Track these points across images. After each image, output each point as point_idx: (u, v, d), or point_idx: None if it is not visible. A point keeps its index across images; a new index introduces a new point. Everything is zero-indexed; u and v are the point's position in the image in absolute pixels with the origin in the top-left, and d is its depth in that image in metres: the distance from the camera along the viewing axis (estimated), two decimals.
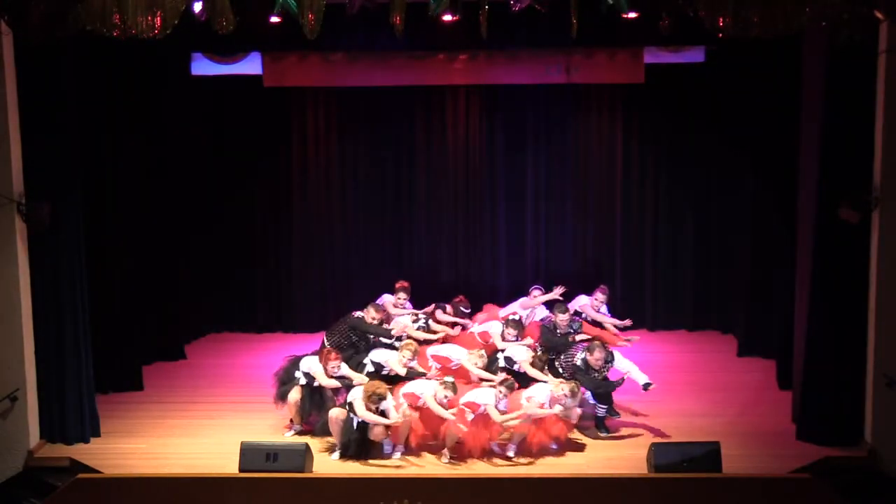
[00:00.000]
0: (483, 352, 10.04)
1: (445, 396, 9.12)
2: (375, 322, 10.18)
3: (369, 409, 8.97)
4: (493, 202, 13.42)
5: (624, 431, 9.82)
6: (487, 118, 13.26)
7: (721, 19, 7.51)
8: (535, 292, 11.25)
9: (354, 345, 10.23)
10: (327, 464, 9.15)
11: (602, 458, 9.24)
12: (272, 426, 10.02)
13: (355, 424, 9.21)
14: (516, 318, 10.59)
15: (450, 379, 9.36)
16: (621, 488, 8.49)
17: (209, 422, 10.25)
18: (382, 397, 9.01)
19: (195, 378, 11.72)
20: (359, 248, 13.52)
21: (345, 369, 9.62)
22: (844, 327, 9.25)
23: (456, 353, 10.09)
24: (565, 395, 9.14)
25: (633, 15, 9.07)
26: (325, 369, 9.55)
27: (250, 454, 8.67)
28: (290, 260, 13.50)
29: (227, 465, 8.89)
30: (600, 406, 9.84)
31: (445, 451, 9.21)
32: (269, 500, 8.42)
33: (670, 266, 13.45)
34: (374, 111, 13.22)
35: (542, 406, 9.14)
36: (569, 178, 13.35)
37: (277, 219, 13.49)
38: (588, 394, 10.09)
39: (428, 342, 10.38)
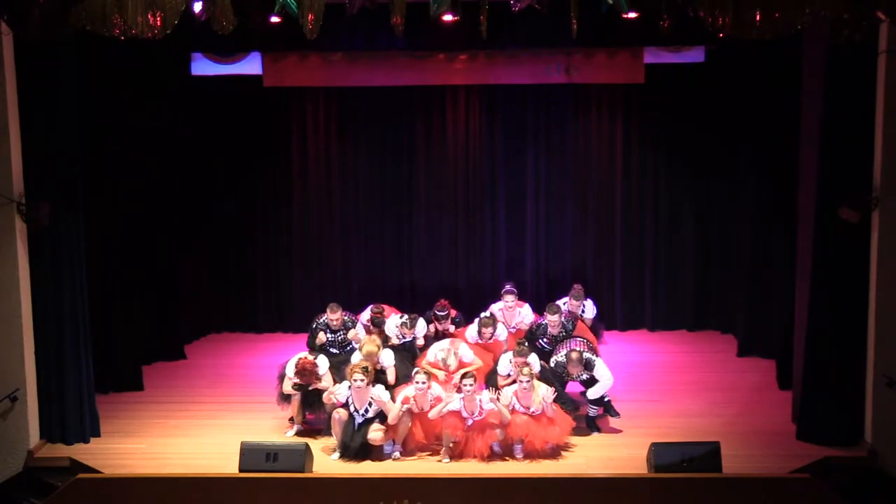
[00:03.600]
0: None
1: (423, 382, 9.14)
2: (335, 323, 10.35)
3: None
4: (493, 202, 13.42)
5: (624, 431, 9.83)
6: (487, 118, 13.26)
7: (721, 19, 7.50)
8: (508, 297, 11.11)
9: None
10: (327, 464, 9.15)
11: (602, 458, 9.24)
12: (272, 426, 10.03)
13: (356, 426, 9.22)
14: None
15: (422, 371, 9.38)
16: (621, 488, 8.48)
17: (209, 422, 10.25)
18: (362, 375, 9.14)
19: (195, 378, 11.72)
20: (359, 248, 13.51)
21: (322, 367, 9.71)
22: (844, 327, 9.25)
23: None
24: (522, 376, 9.19)
25: (633, 15, 9.07)
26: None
27: (250, 454, 8.66)
28: (290, 260, 13.51)
29: (227, 465, 8.89)
30: (591, 406, 9.85)
31: (445, 451, 9.22)
32: (269, 500, 8.42)
33: (670, 266, 13.46)
34: (374, 111, 13.22)
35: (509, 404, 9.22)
36: (569, 178, 13.35)
37: (277, 219, 13.49)
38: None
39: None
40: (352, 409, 9.25)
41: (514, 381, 9.43)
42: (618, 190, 13.34)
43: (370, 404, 9.20)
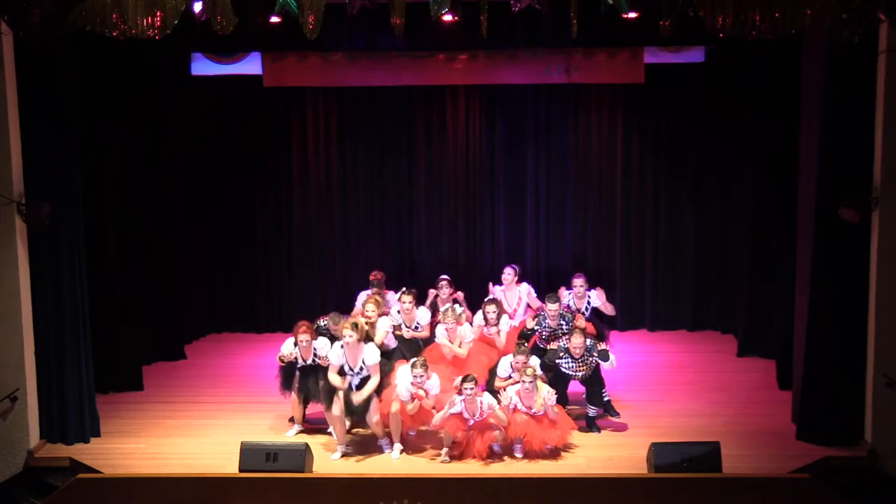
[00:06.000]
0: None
1: (421, 376, 9.13)
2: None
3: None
4: (493, 202, 13.42)
5: (624, 431, 9.83)
6: (487, 118, 13.25)
7: (721, 19, 7.51)
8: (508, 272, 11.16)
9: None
10: (327, 464, 9.16)
11: (602, 458, 9.25)
12: (272, 426, 10.03)
13: (353, 388, 9.23)
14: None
15: (420, 359, 9.37)
16: (621, 488, 8.48)
17: (209, 422, 10.25)
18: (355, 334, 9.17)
19: (195, 378, 11.73)
20: (359, 248, 13.52)
21: (321, 345, 9.65)
22: (844, 327, 9.25)
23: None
24: (522, 366, 9.22)
25: (633, 15, 9.08)
26: (297, 341, 9.64)
27: (250, 454, 8.67)
28: (289, 260, 13.50)
29: (227, 465, 8.90)
30: (591, 407, 9.86)
31: (445, 450, 9.22)
32: (269, 500, 8.43)
33: (670, 266, 13.46)
34: (374, 111, 13.22)
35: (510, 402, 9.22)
36: (569, 178, 13.35)
37: (277, 219, 13.49)
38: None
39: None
40: (346, 368, 9.25)
41: (515, 382, 9.43)
42: (618, 190, 13.34)
43: (364, 362, 9.23)
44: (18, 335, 9.21)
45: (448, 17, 8.72)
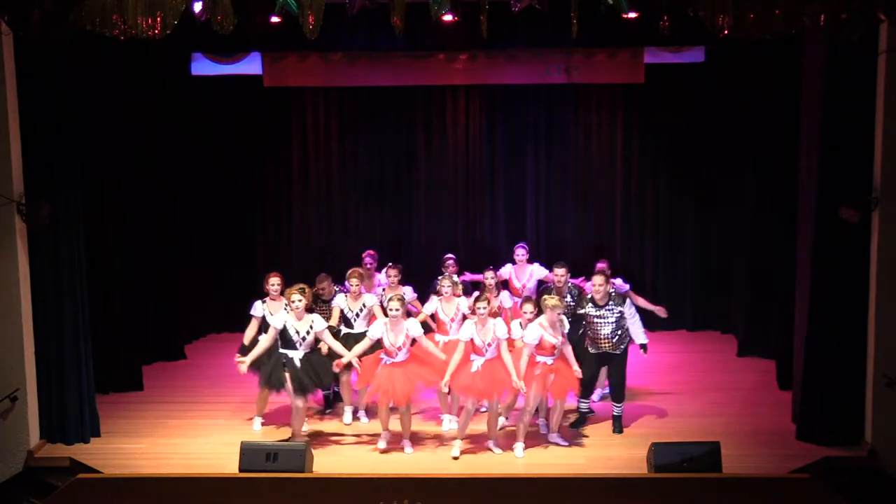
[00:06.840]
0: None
1: (396, 310, 9.09)
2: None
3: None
4: (494, 202, 13.43)
5: (624, 431, 9.82)
6: (487, 118, 13.26)
7: (721, 19, 7.52)
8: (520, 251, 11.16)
9: None
10: (327, 464, 9.15)
11: (602, 458, 9.25)
12: (272, 426, 10.02)
13: (299, 361, 9.23)
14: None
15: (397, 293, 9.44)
16: (621, 488, 8.47)
17: (209, 422, 10.26)
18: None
19: (195, 378, 11.73)
20: (359, 248, 13.46)
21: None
22: (844, 327, 9.25)
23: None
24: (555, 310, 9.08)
25: (633, 15, 9.07)
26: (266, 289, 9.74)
27: (250, 454, 8.66)
28: (289, 260, 13.49)
29: (227, 465, 8.90)
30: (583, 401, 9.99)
31: (457, 442, 9.25)
32: (269, 500, 8.41)
33: (670, 266, 13.46)
34: (374, 111, 13.23)
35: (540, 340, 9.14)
36: (569, 178, 13.36)
37: (277, 218, 13.50)
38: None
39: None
40: (292, 332, 9.21)
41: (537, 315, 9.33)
42: (618, 190, 13.35)
43: (310, 328, 9.21)
44: (18, 335, 9.22)
45: (448, 18, 8.70)
